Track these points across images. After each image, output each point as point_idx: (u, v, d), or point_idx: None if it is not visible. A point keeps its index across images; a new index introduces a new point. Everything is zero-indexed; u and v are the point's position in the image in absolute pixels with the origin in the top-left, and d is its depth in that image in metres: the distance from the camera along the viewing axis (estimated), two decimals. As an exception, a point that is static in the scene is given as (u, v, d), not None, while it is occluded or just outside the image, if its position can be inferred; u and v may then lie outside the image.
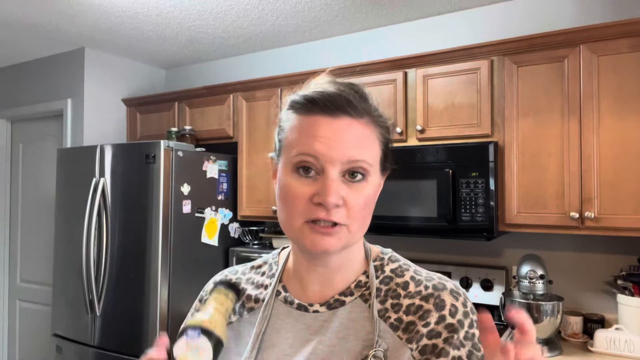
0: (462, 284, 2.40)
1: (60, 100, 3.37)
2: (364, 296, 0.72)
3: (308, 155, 0.66)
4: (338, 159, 0.65)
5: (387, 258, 0.76)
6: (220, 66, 3.50)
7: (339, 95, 0.67)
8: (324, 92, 0.67)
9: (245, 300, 0.79)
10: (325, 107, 0.66)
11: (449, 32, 2.61)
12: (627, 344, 1.85)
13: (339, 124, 0.66)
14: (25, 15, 2.70)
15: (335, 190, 0.64)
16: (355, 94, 0.68)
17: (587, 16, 2.26)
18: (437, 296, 0.68)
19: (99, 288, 2.60)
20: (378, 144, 0.70)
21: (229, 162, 2.86)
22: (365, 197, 0.67)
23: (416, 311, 0.68)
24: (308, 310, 0.73)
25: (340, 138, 0.66)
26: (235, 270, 0.86)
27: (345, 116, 0.67)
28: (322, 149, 0.65)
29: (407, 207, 2.23)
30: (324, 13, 2.65)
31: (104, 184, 2.63)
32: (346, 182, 0.66)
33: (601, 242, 2.19)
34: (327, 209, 0.64)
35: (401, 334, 0.67)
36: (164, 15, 2.69)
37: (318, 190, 0.65)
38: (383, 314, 0.70)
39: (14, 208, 3.76)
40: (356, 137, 0.67)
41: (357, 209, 0.66)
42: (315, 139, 0.66)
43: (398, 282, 0.72)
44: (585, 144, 1.94)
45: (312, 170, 0.66)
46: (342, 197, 0.65)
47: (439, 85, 2.27)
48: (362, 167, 0.66)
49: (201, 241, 2.67)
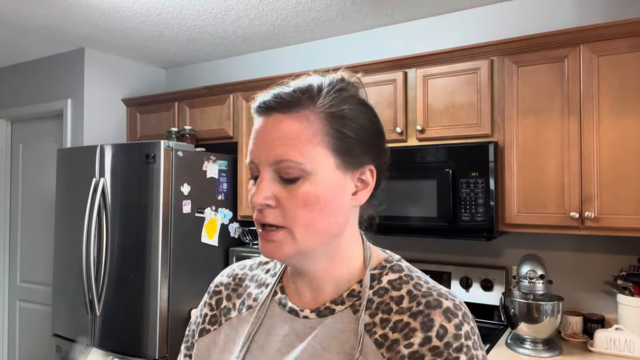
0: (462, 284, 2.40)
1: (60, 100, 3.37)
2: (354, 307, 0.67)
3: (250, 161, 0.66)
4: (264, 159, 0.64)
5: (388, 267, 0.70)
6: (220, 66, 3.50)
7: (276, 94, 0.65)
8: (267, 92, 0.67)
9: (246, 297, 0.78)
10: (260, 107, 0.66)
11: (449, 32, 2.61)
12: (627, 344, 1.85)
13: (268, 123, 0.65)
14: (25, 15, 2.70)
15: (262, 189, 0.63)
16: (299, 89, 0.65)
17: (587, 16, 2.26)
18: (427, 314, 0.62)
19: (99, 288, 2.60)
20: (320, 137, 0.63)
21: (229, 162, 2.86)
22: (304, 196, 0.62)
23: (402, 329, 0.62)
24: (298, 315, 0.70)
25: (266, 138, 0.64)
26: (244, 264, 0.84)
27: (275, 113, 0.65)
28: (254, 152, 0.65)
29: (407, 207, 2.23)
30: (324, 13, 2.65)
31: (104, 184, 2.63)
32: (282, 181, 0.64)
33: (601, 242, 2.19)
34: (258, 210, 0.64)
35: (385, 352, 0.62)
36: (164, 15, 2.69)
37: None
38: (370, 328, 0.65)
39: (14, 208, 3.76)
40: (281, 135, 0.63)
41: (292, 210, 0.63)
42: (252, 143, 0.66)
43: (393, 295, 0.66)
44: (585, 144, 1.94)
45: (256, 174, 0.66)
46: (274, 197, 0.63)
47: (439, 85, 2.27)
48: (289, 167, 0.62)
49: (201, 241, 2.67)
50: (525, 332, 1.94)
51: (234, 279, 0.82)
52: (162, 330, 2.43)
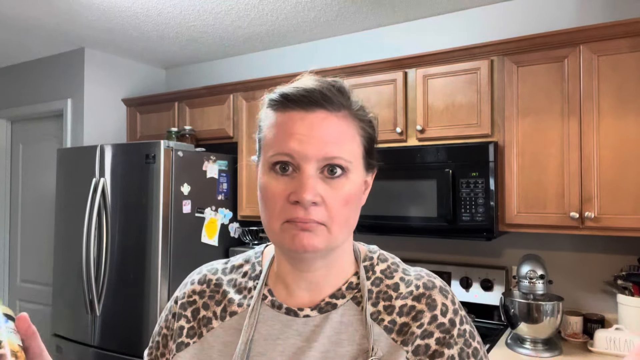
0: (462, 284, 2.40)
1: (60, 100, 3.37)
2: (355, 298, 0.69)
3: (284, 154, 0.63)
4: (313, 156, 0.62)
5: (376, 257, 0.74)
6: (220, 66, 3.50)
7: (314, 89, 0.64)
8: (299, 87, 0.65)
9: (227, 303, 0.74)
10: (299, 101, 0.64)
11: (449, 32, 2.61)
12: (627, 344, 1.85)
13: (314, 118, 0.64)
14: (25, 15, 2.70)
15: (312, 187, 0.61)
16: (332, 88, 0.66)
17: (587, 16, 2.26)
18: (429, 296, 0.68)
19: (99, 288, 2.60)
20: (359, 139, 0.67)
21: (229, 162, 2.86)
22: (345, 195, 0.64)
23: (409, 312, 0.67)
24: (298, 315, 0.69)
25: (315, 134, 0.63)
26: (214, 269, 0.80)
27: (320, 110, 0.64)
28: (297, 147, 0.62)
29: (407, 207, 2.23)
30: (324, 13, 2.65)
31: (104, 184, 2.63)
32: (324, 178, 0.63)
33: (601, 242, 2.19)
34: (305, 208, 0.61)
35: (395, 337, 0.66)
36: (164, 15, 2.69)
37: (295, 188, 0.62)
38: (376, 316, 0.67)
39: (14, 208, 3.76)
40: (332, 132, 0.64)
41: (336, 207, 0.63)
42: (290, 137, 0.63)
43: (388, 283, 0.70)
44: (585, 144, 1.94)
45: (289, 168, 0.63)
46: (319, 195, 0.62)
47: (439, 85, 2.27)
48: (339, 164, 0.63)
49: (201, 241, 2.67)
50: (525, 332, 1.94)
51: (208, 285, 0.78)
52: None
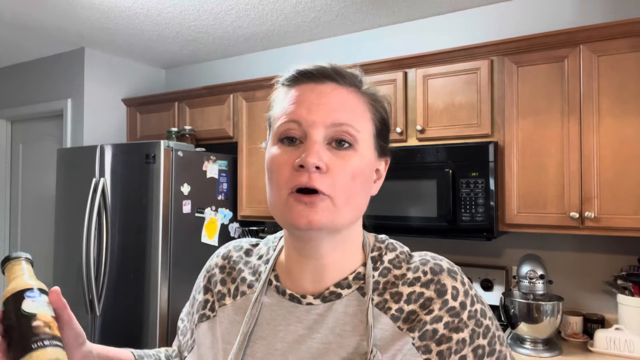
0: (462, 284, 2.40)
1: (60, 100, 3.37)
2: (362, 289, 0.68)
3: (291, 121, 0.63)
4: (321, 121, 0.62)
5: (384, 247, 0.72)
6: (220, 66, 3.50)
7: (326, 65, 0.66)
8: (312, 64, 0.67)
9: (240, 282, 0.75)
10: (311, 75, 0.65)
11: (449, 32, 2.61)
12: (627, 344, 1.85)
13: (323, 88, 0.64)
14: (25, 15, 2.70)
15: (317, 151, 0.61)
16: (345, 68, 0.67)
17: (587, 16, 2.26)
18: (437, 281, 0.65)
19: (99, 288, 2.60)
20: (369, 115, 0.67)
21: (229, 162, 2.86)
22: (353, 168, 0.63)
23: (417, 299, 0.65)
24: (301, 302, 0.68)
25: (323, 101, 0.63)
26: (240, 246, 0.81)
27: (330, 82, 0.65)
28: (304, 113, 0.63)
29: (407, 207, 2.23)
30: (324, 13, 2.65)
31: (104, 184, 2.63)
32: (332, 149, 0.63)
33: (601, 242, 2.19)
34: (308, 172, 0.61)
35: (401, 324, 0.64)
36: (164, 15, 2.69)
37: (300, 155, 0.62)
38: (383, 305, 0.66)
39: (14, 208, 3.76)
40: (341, 101, 0.64)
41: (342, 179, 0.62)
42: (298, 105, 0.64)
43: (396, 274, 0.68)
44: (585, 144, 1.94)
45: (296, 139, 0.63)
46: (325, 163, 0.61)
47: (439, 85, 2.27)
48: (347, 131, 0.63)
49: (201, 241, 2.67)
50: (525, 332, 1.94)
51: (229, 262, 0.79)
52: (162, 330, 2.43)
